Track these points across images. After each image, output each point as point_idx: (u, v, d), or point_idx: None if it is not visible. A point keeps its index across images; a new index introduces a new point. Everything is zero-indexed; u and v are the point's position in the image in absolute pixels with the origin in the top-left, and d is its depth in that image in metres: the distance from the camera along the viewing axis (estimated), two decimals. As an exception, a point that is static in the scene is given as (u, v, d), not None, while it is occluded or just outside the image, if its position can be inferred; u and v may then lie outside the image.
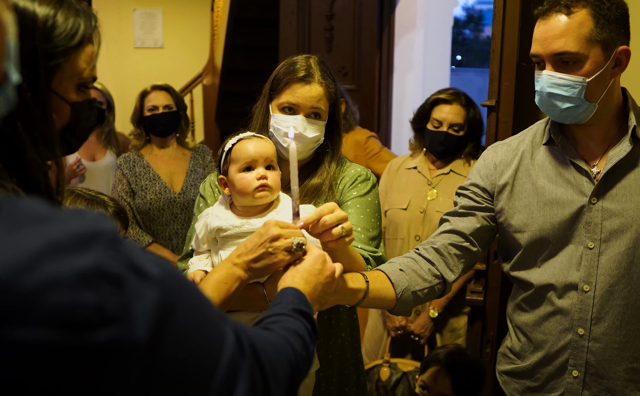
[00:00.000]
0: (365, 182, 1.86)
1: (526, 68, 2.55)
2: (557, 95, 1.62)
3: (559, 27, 1.58)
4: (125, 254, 0.58)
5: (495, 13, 2.46)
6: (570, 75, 1.60)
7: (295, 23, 5.57)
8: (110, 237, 0.58)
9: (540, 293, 1.75)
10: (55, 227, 0.55)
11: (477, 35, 20.34)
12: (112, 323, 0.56)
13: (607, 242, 1.65)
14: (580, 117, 1.65)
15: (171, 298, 0.63)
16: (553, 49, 1.60)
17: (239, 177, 1.67)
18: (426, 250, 1.79)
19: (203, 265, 1.72)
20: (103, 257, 0.56)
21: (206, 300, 0.74)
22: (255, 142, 1.71)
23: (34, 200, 0.57)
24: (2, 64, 0.60)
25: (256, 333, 0.90)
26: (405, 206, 3.08)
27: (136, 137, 3.47)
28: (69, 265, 0.53)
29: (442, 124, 3.00)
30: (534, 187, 1.75)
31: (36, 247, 0.52)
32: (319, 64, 1.83)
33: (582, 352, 1.70)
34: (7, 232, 0.53)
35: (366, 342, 3.28)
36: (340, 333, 1.91)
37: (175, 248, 3.33)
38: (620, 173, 1.66)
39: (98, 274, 0.55)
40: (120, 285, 0.57)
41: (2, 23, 0.60)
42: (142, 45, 7.66)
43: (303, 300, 1.21)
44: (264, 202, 1.68)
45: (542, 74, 1.64)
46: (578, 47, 1.57)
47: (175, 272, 0.67)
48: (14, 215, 0.54)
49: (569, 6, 1.57)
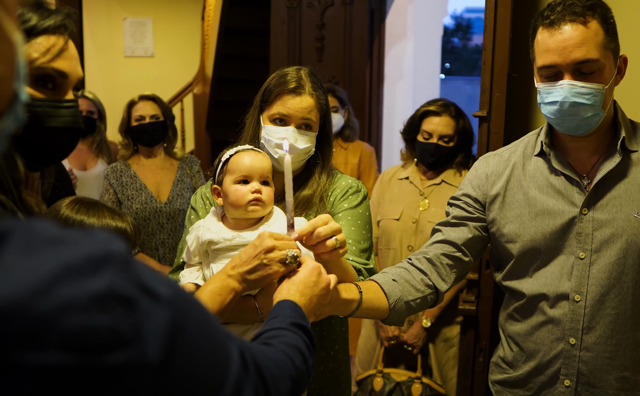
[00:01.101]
0: (357, 194, 1.87)
1: (517, 79, 2.57)
2: (580, 104, 1.61)
3: (578, 36, 1.58)
4: (136, 275, 0.59)
5: (486, 24, 2.48)
6: (592, 84, 1.60)
7: (286, 32, 5.59)
8: (121, 258, 0.58)
9: (532, 303, 1.77)
10: (69, 250, 0.55)
11: (466, 44, 20.44)
12: (126, 345, 0.56)
13: (597, 252, 1.67)
14: (593, 125, 1.66)
15: (181, 318, 0.63)
16: (575, 58, 1.59)
17: (233, 188, 1.67)
18: (419, 260, 1.80)
19: (194, 278, 1.71)
20: (116, 279, 0.57)
21: (212, 318, 0.74)
22: (253, 156, 1.71)
23: (44, 222, 0.58)
24: (13, 84, 0.61)
25: (258, 350, 0.91)
26: (398, 216, 3.10)
27: (124, 146, 3.47)
28: (83, 288, 0.54)
29: (432, 136, 3.02)
30: (526, 197, 1.76)
31: (51, 271, 0.53)
32: (310, 76, 1.84)
33: (574, 361, 1.71)
34: (22, 256, 0.53)
35: (359, 353, 3.29)
36: (334, 346, 1.91)
37: (162, 258, 3.33)
38: (610, 184, 1.67)
39: (112, 297, 0.55)
40: (133, 306, 0.57)
41: (13, 44, 0.61)
42: (132, 54, 7.67)
43: (300, 313, 1.22)
44: (255, 216, 1.68)
45: (561, 84, 1.62)
46: (598, 54, 1.58)
47: (184, 292, 0.68)
48: (27, 238, 0.54)
49: (584, 15, 1.59)
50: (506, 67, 2.48)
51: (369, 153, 4.10)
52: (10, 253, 0.53)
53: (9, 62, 0.60)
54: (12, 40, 0.61)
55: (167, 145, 3.52)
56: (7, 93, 0.61)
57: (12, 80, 0.61)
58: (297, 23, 5.59)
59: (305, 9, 5.59)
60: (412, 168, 3.18)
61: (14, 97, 0.62)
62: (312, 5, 5.57)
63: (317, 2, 5.57)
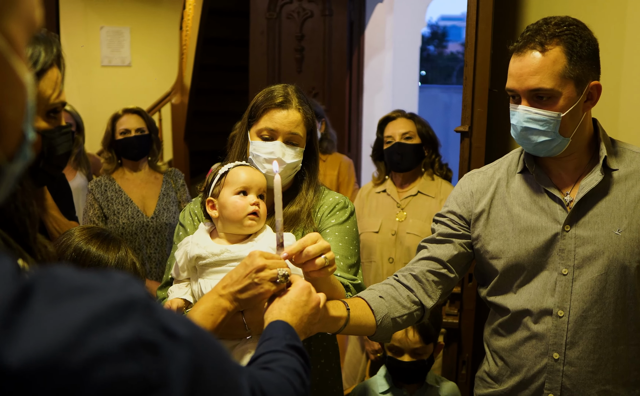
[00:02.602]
0: (344, 210, 1.88)
1: (498, 94, 2.62)
2: (532, 129, 1.67)
3: (534, 64, 1.64)
4: (157, 319, 0.59)
5: (468, 41, 2.52)
6: (546, 111, 1.65)
7: (265, 44, 5.59)
8: (144, 303, 0.59)
9: (516, 319, 1.80)
10: (94, 299, 0.55)
11: (442, 52, 20.60)
12: (155, 390, 0.57)
13: (580, 269, 1.70)
14: (554, 150, 1.70)
15: (200, 357, 0.64)
16: (529, 85, 1.65)
17: (232, 200, 1.69)
18: (405, 277, 1.82)
19: (182, 293, 1.73)
20: (141, 325, 0.57)
21: (225, 352, 0.75)
22: (252, 170, 1.75)
23: (65, 269, 0.58)
24: (22, 126, 0.61)
25: (263, 378, 0.93)
26: (377, 229, 3.16)
27: (107, 160, 3.45)
28: (112, 337, 0.54)
29: (394, 137, 3.17)
30: (510, 214, 1.79)
31: (79, 322, 0.53)
32: (296, 92, 1.87)
33: (558, 376, 1.74)
34: (50, 308, 0.53)
35: (345, 367, 3.31)
36: (320, 360, 1.92)
37: (149, 273, 3.31)
38: (592, 202, 1.71)
39: (139, 344, 0.56)
40: (158, 351, 0.58)
41: (24, 85, 0.61)
42: (109, 64, 7.61)
43: (293, 334, 1.24)
44: (250, 231, 1.69)
45: (517, 109, 1.69)
46: (553, 83, 1.63)
47: (200, 329, 0.68)
48: (52, 289, 0.54)
49: (543, 43, 1.63)
50: (487, 82, 2.53)
51: (348, 165, 4.13)
52: (38, 305, 0.53)
53: (19, 105, 0.61)
54: (23, 82, 0.61)
55: (151, 159, 3.51)
56: (17, 135, 0.61)
57: (22, 122, 0.61)
58: (276, 34, 5.60)
59: (285, 20, 5.60)
60: (388, 181, 3.26)
61: (23, 138, 0.62)
62: (292, 16, 5.59)
63: (297, 13, 5.59)
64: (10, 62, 0.58)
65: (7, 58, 0.58)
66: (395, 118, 3.23)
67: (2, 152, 0.59)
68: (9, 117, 0.59)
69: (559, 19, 1.66)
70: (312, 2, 5.58)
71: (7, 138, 0.60)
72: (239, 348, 1.61)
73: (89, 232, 1.60)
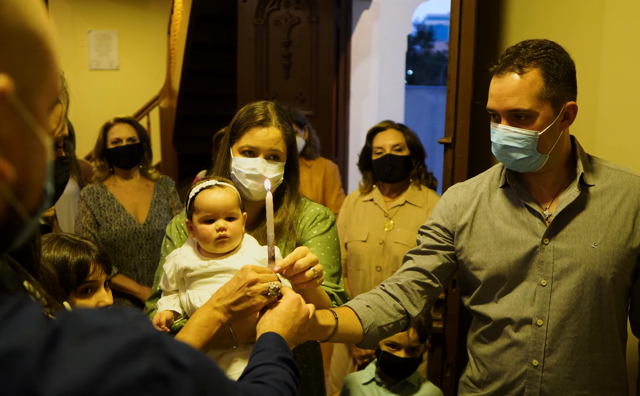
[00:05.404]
0: (325, 221, 1.96)
1: (480, 106, 2.69)
2: (511, 147, 1.75)
3: (513, 86, 1.71)
4: (167, 351, 0.66)
5: (450, 55, 2.60)
6: (524, 129, 1.73)
7: (253, 49, 5.64)
8: (155, 340, 0.65)
9: (498, 327, 1.88)
10: (115, 338, 0.62)
11: (428, 51, 20.61)
12: None
13: (558, 280, 1.78)
14: (532, 166, 1.78)
15: (203, 383, 0.70)
16: (507, 106, 1.73)
17: (200, 227, 1.75)
18: (391, 287, 1.90)
19: (171, 305, 1.79)
20: (154, 360, 0.63)
21: (223, 374, 0.82)
22: (217, 193, 1.77)
23: (86, 310, 0.65)
24: (43, 184, 0.68)
25: (256, 392, 0.99)
26: (365, 238, 3.21)
27: (99, 168, 3.49)
28: (130, 372, 0.61)
29: (384, 149, 3.20)
30: (491, 227, 1.87)
31: (103, 360, 0.59)
32: (276, 109, 1.93)
33: (537, 382, 1.82)
34: (76, 347, 0.60)
35: (333, 371, 3.37)
36: (302, 365, 1.98)
37: (140, 279, 3.36)
38: (569, 216, 1.79)
39: (153, 377, 0.62)
40: (168, 382, 0.64)
41: (45, 149, 0.67)
42: (97, 67, 7.61)
43: (284, 346, 1.31)
44: (223, 250, 1.75)
45: (497, 127, 1.77)
46: (530, 104, 1.70)
47: (202, 356, 0.75)
48: (77, 330, 0.61)
49: (522, 66, 1.71)
50: (470, 95, 2.60)
51: (333, 170, 4.17)
52: (66, 346, 0.59)
53: (42, 168, 0.67)
54: (44, 147, 0.67)
55: (142, 167, 3.56)
56: (39, 193, 0.68)
57: (44, 181, 0.68)
58: (264, 40, 5.65)
59: (272, 27, 5.65)
60: (376, 190, 3.30)
61: (44, 194, 0.68)
62: (279, 22, 5.65)
63: (284, 20, 5.64)
64: (35, 132, 0.65)
65: (34, 130, 0.65)
66: (385, 129, 3.25)
67: (25, 209, 0.66)
68: (33, 179, 0.66)
69: (536, 43, 1.74)
70: (300, 9, 5.63)
71: (30, 197, 0.66)
72: (226, 357, 1.67)
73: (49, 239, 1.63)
